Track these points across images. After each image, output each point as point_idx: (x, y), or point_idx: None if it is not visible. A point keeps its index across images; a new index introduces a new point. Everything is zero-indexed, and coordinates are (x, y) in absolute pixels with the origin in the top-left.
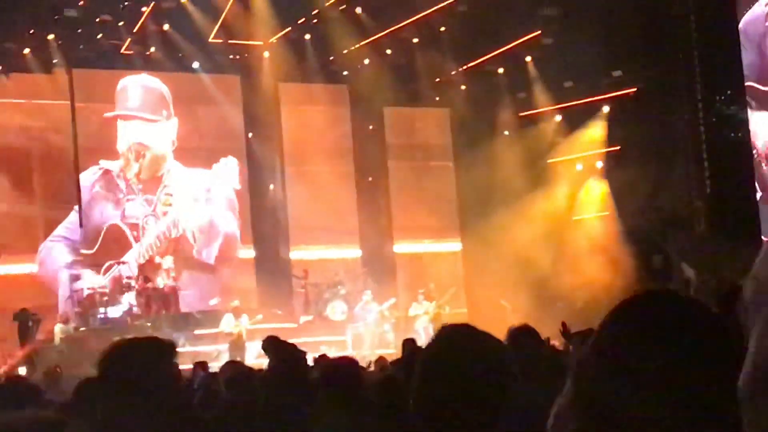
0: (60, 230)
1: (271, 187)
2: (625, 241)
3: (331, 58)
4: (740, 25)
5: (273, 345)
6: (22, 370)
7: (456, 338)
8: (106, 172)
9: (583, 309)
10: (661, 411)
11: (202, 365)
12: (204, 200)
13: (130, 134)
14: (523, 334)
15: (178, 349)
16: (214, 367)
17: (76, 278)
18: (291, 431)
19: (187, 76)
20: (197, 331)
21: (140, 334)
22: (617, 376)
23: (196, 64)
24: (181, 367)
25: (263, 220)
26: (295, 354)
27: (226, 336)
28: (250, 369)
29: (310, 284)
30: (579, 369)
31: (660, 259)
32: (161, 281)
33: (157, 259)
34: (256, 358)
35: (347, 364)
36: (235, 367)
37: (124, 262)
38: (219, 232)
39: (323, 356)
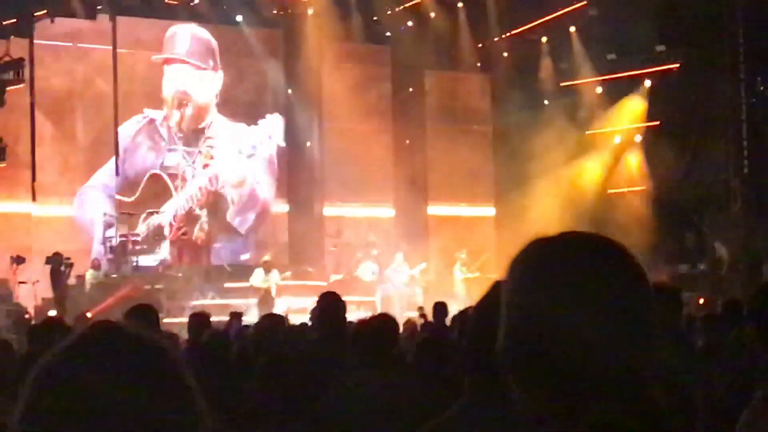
0: (99, 176)
1: (308, 143)
2: (660, 217)
3: (375, 18)
4: None
5: (324, 300)
6: (52, 313)
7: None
8: (151, 121)
9: None
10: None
11: (237, 316)
12: (247, 156)
13: (175, 80)
14: None
15: (207, 301)
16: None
17: (110, 225)
18: (327, 383)
19: (230, 29)
20: (227, 284)
21: (171, 283)
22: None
23: (239, 17)
24: (211, 318)
25: (299, 175)
26: (338, 308)
27: (256, 290)
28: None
29: (343, 243)
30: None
31: (693, 237)
32: (196, 233)
33: (196, 211)
34: (284, 313)
35: (384, 322)
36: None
37: (160, 212)
38: (257, 202)
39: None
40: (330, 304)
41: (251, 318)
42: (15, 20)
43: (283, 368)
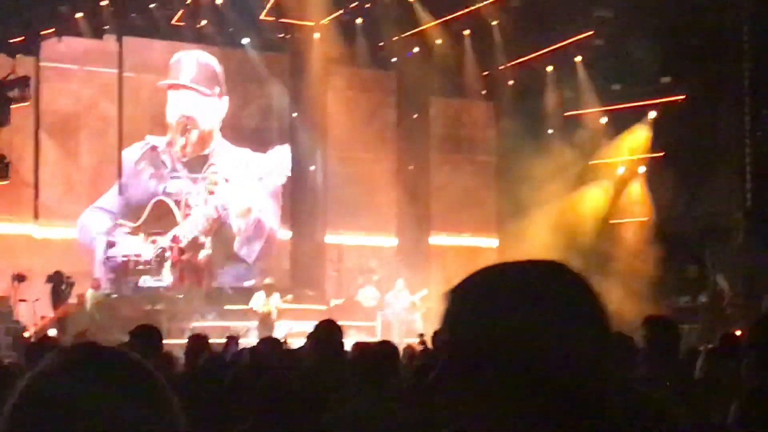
0: (102, 199)
1: (312, 168)
2: (661, 248)
3: (381, 44)
4: None
5: (321, 328)
6: (52, 332)
7: None
8: (153, 148)
9: (614, 313)
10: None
11: (234, 340)
12: (254, 187)
13: (180, 106)
14: None
15: (208, 323)
16: (242, 343)
17: (111, 245)
18: (325, 408)
19: (236, 52)
20: (228, 307)
21: (171, 305)
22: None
23: (245, 41)
24: (211, 341)
25: (302, 201)
26: (334, 335)
27: (256, 313)
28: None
29: (344, 268)
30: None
31: (695, 269)
32: (199, 257)
33: (201, 239)
34: (283, 337)
35: (385, 350)
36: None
37: (163, 235)
38: (264, 231)
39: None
40: (326, 332)
41: (252, 340)
42: (22, 38)
43: (281, 393)
